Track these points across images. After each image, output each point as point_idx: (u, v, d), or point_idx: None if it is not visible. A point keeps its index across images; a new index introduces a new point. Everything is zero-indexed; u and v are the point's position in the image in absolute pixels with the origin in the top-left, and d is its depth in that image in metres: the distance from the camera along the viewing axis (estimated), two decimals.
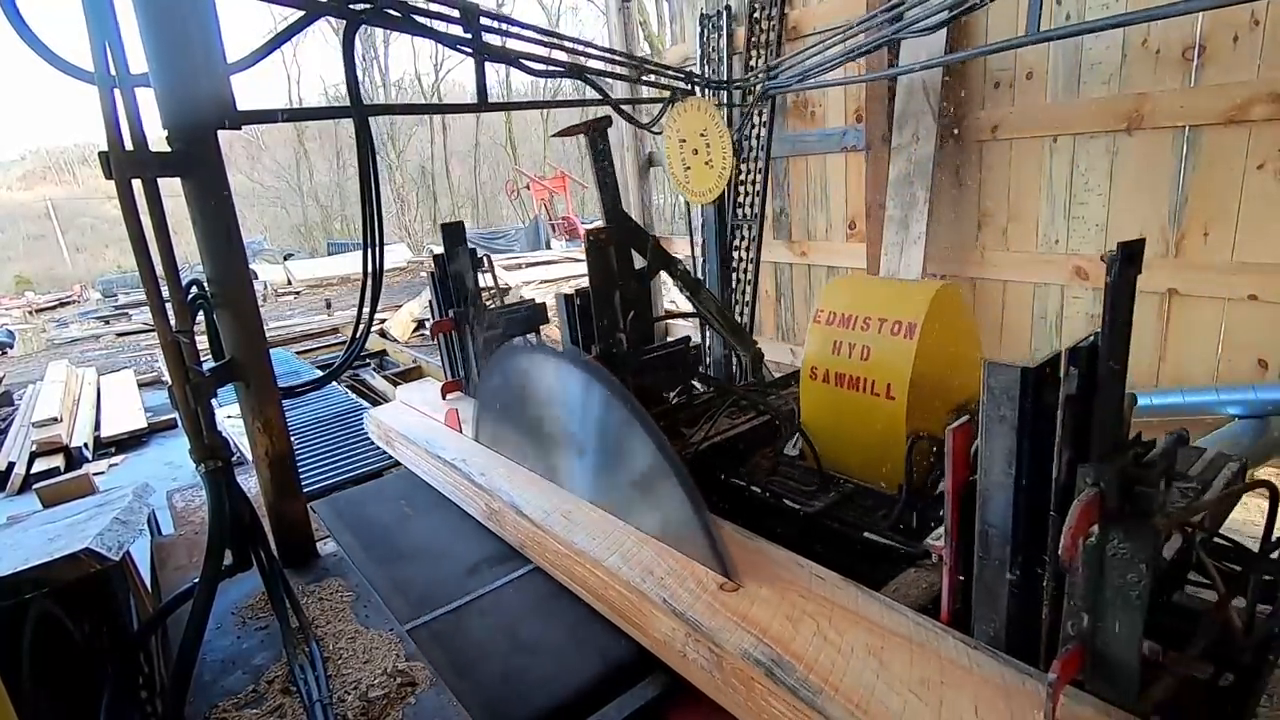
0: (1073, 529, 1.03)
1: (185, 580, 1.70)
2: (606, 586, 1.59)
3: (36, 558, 1.35)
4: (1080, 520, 1.04)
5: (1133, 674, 1.10)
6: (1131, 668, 1.09)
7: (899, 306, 1.95)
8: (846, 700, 1.14)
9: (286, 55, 29.05)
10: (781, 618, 1.36)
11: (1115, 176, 3.49)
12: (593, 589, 1.65)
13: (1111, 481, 1.04)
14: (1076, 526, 1.03)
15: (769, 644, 1.28)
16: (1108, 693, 1.13)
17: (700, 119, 3.20)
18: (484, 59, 2.22)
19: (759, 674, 1.22)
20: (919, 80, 3.96)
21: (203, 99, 1.64)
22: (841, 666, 1.22)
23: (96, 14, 1.46)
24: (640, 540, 1.68)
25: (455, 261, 2.73)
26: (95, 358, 10.83)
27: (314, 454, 2.96)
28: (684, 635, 1.38)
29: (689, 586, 1.47)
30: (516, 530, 1.93)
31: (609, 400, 1.74)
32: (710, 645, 1.32)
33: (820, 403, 2.11)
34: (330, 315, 12.44)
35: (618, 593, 1.56)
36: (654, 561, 1.58)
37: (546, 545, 1.80)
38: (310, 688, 1.48)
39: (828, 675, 1.20)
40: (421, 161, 30.46)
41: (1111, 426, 1.08)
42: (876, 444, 1.95)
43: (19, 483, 5.52)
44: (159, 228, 1.59)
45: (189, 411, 1.64)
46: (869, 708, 1.12)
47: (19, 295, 21.67)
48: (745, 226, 5.04)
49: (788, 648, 1.27)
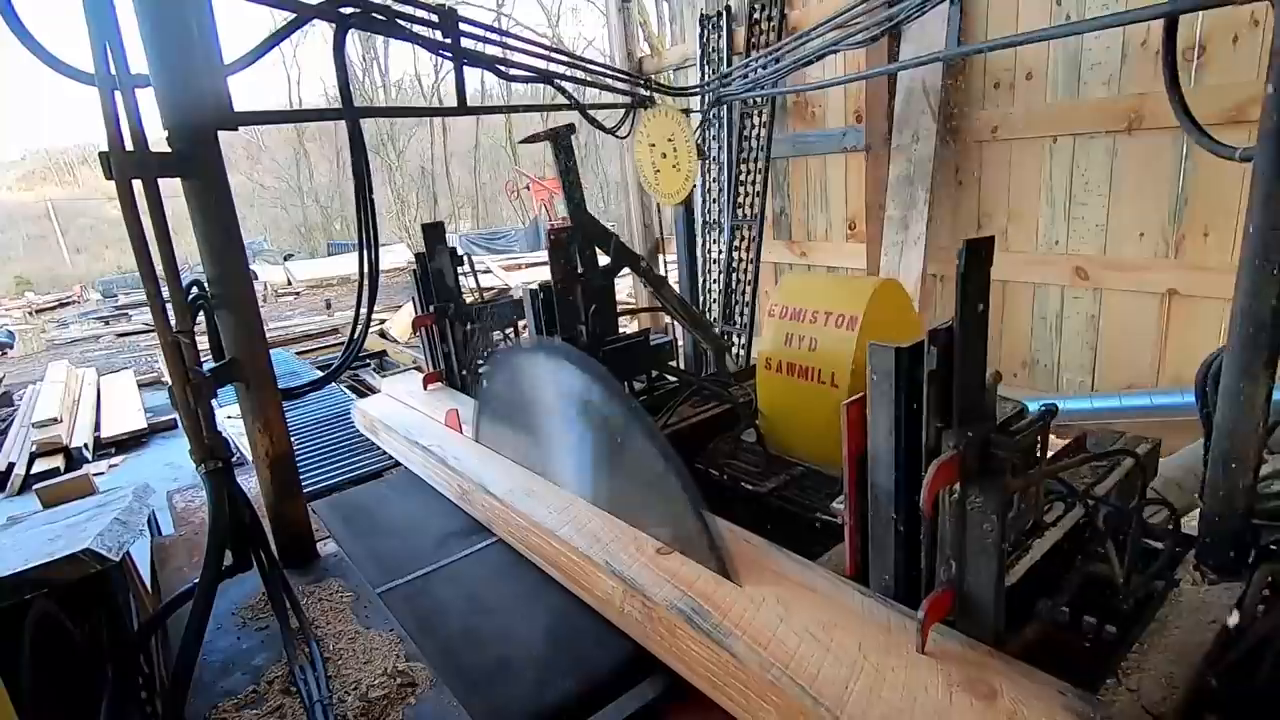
0: (930, 485, 1.18)
1: (185, 581, 1.70)
2: (559, 554, 1.76)
3: (36, 558, 1.36)
4: (936, 478, 1.18)
5: (992, 612, 1.24)
6: (991, 607, 1.24)
7: (842, 301, 2.12)
8: (752, 640, 1.31)
9: (287, 56, 29.07)
10: (707, 575, 1.53)
11: (1115, 177, 3.50)
12: (547, 556, 1.82)
13: (970, 445, 1.18)
14: (933, 483, 1.18)
15: (692, 596, 1.45)
16: (973, 630, 1.28)
17: (668, 125, 3.37)
18: (463, 63, 2.29)
19: (681, 621, 1.41)
20: (919, 81, 3.97)
21: (203, 100, 1.65)
22: (752, 613, 1.39)
23: (97, 15, 1.46)
24: (591, 513, 1.82)
25: (436, 259, 2.86)
26: (95, 358, 10.84)
27: (314, 454, 2.96)
28: (622, 592, 1.55)
29: (630, 551, 1.65)
30: (484, 508, 2.09)
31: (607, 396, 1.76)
32: (643, 599, 1.50)
33: (774, 391, 2.29)
34: (330, 315, 12.44)
35: (568, 559, 1.72)
36: (601, 530, 1.74)
37: (509, 520, 1.96)
38: (310, 688, 1.48)
39: (739, 621, 1.37)
40: (421, 162, 30.44)
41: (972, 399, 1.21)
42: (823, 429, 2.06)
43: (19, 483, 5.52)
44: (159, 228, 1.59)
45: (189, 412, 1.64)
46: (769, 645, 1.30)
47: (19, 296, 21.68)
48: (745, 227, 5.04)
49: (708, 599, 1.44)
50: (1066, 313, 3.86)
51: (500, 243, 20.15)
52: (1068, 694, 1.14)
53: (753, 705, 1.27)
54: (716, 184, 5.28)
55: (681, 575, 1.53)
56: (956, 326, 1.17)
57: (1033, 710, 1.11)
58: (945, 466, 1.18)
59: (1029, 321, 4.03)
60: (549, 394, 1.98)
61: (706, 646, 1.35)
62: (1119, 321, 3.65)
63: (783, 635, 1.32)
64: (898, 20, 2.48)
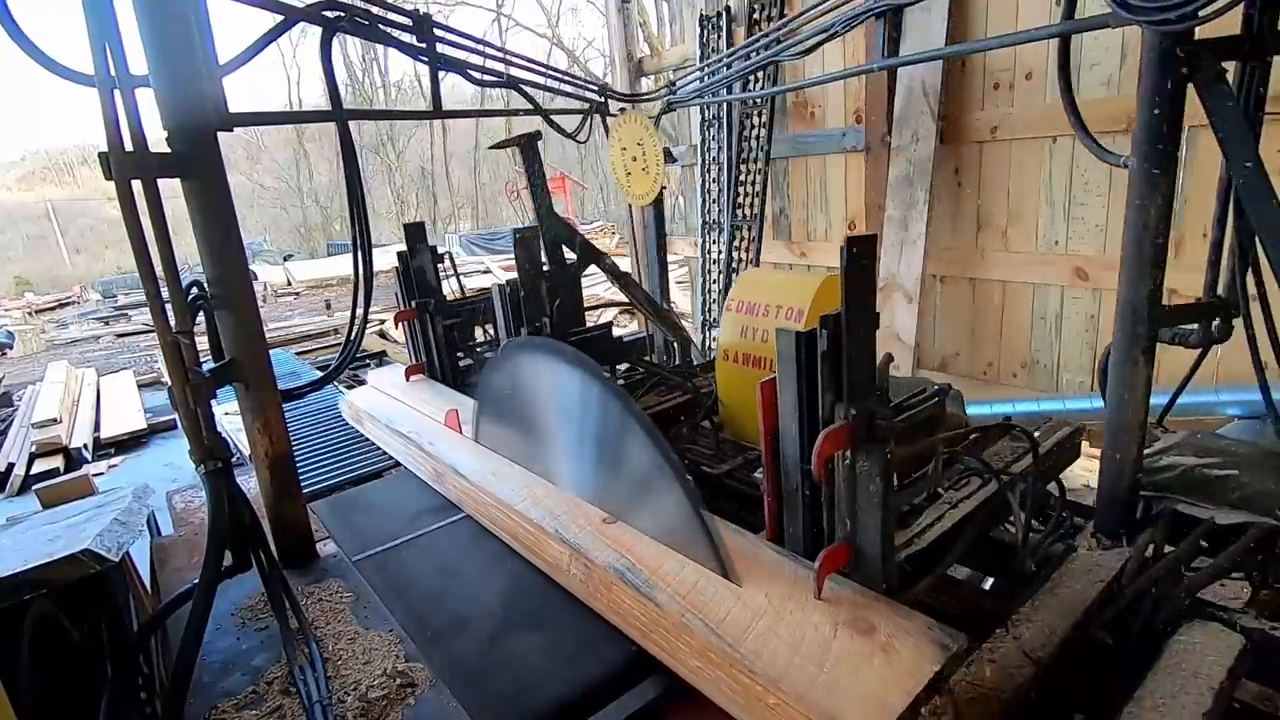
0: (819, 451, 1.34)
1: (185, 581, 1.70)
2: (517, 526, 1.92)
3: (36, 558, 1.35)
4: (825, 445, 1.33)
5: (880, 564, 1.40)
6: (879, 559, 1.40)
7: (791, 295, 2.23)
8: (674, 592, 1.48)
9: (286, 57, 29.10)
10: (644, 540, 1.68)
11: (1115, 177, 3.50)
12: (507, 528, 1.98)
13: (858, 416, 1.33)
14: (822, 449, 1.34)
15: (627, 557, 1.61)
16: (864, 579, 1.44)
17: (637, 130, 3.53)
18: (437, 67, 2.38)
19: (615, 578, 1.57)
20: (919, 81, 3.97)
21: (201, 101, 1.65)
22: (677, 570, 1.55)
23: (97, 15, 1.46)
24: (549, 491, 1.98)
25: (417, 257, 3.01)
26: (95, 358, 10.84)
27: (314, 454, 2.96)
28: (568, 556, 1.72)
29: (579, 522, 1.80)
30: (455, 488, 2.26)
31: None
32: (586, 561, 1.66)
33: (732, 381, 2.40)
34: (330, 316, 12.44)
35: (524, 529, 1.89)
36: (555, 505, 1.90)
37: (476, 498, 2.12)
38: (310, 689, 1.48)
39: (665, 577, 1.53)
40: (421, 162, 30.45)
41: (861, 376, 1.36)
42: None
43: (19, 483, 5.53)
44: (159, 228, 1.59)
45: (188, 412, 1.64)
46: (688, 595, 1.47)
47: (19, 296, 21.67)
48: (745, 227, 5.04)
49: (641, 560, 1.60)
50: (1066, 313, 3.86)
51: (500, 243, 20.17)
52: (935, 629, 1.30)
53: (673, 647, 1.43)
54: (716, 184, 5.28)
55: (621, 540, 1.69)
56: (843, 314, 1.32)
57: (903, 642, 1.27)
58: (833, 435, 1.34)
59: (1029, 321, 4.03)
60: (549, 393, 1.99)
61: (637, 599, 1.51)
62: None
63: (701, 587, 1.48)
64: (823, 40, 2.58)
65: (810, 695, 1.17)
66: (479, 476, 2.13)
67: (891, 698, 1.15)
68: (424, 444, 2.44)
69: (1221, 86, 1.46)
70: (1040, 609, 1.46)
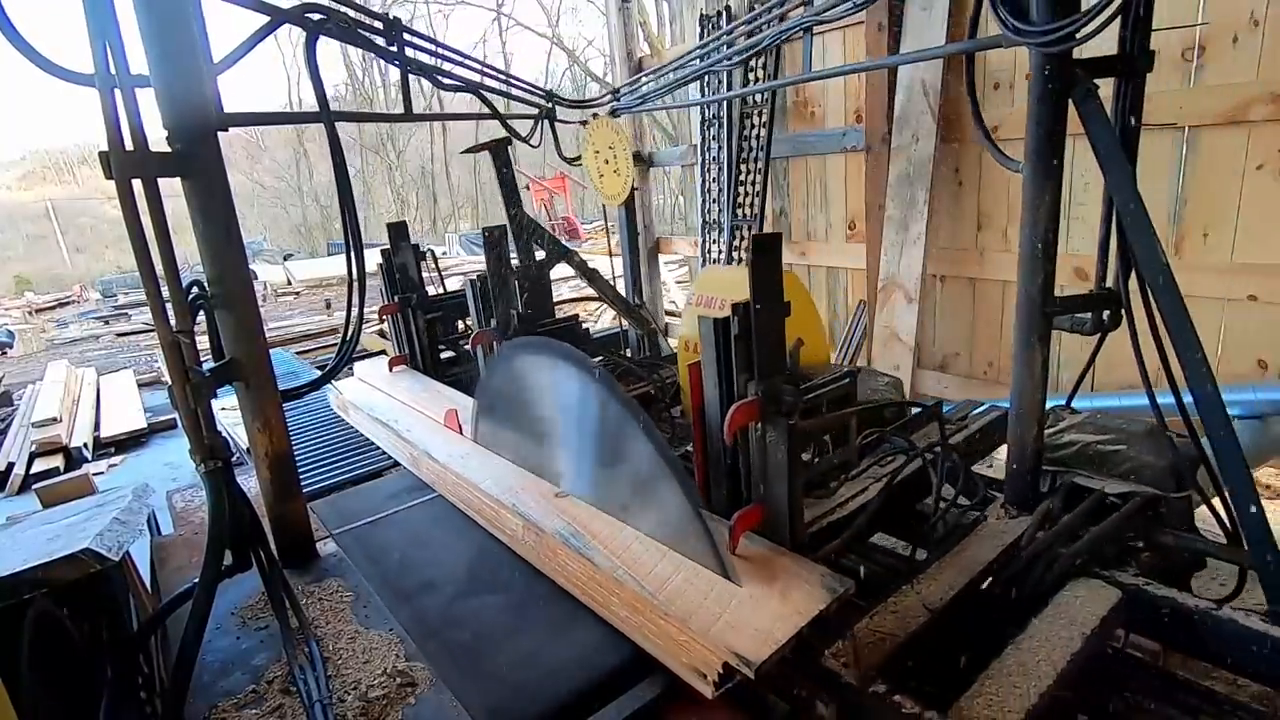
0: (729, 422, 1.52)
1: (185, 580, 1.70)
2: (482, 503, 2.10)
3: (36, 558, 1.35)
4: (735, 416, 1.52)
5: (788, 522, 1.59)
6: (786, 517, 1.58)
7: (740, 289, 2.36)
8: (609, 550, 1.67)
9: (286, 56, 29.07)
10: (589, 511, 1.87)
11: None
12: (473, 505, 2.17)
13: (766, 391, 1.51)
14: (732, 420, 1.52)
15: (574, 525, 1.80)
16: (773, 536, 1.62)
17: (608, 134, 3.73)
18: (408, 70, 2.51)
19: (560, 543, 1.75)
20: (919, 80, 3.97)
21: (203, 100, 1.65)
22: (615, 534, 1.75)
23: (97, 15, 1.46)
24: (510, 470, 2.17)
25: (400, 254, 3.23)
26: (95, 358, 10.84)
27: (314, 454, 2.96)
28: (523, 527, 1.90)
29: (535, 496, 1.99)
30: (429, 470, 2.44)
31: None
32: (537, 530, 1.84)
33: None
34: (330, 315, 12.44)
35: (488, 506, 2.07)
36: (516, 483, 2.09)
37: (447, 479, 2.32)
38: (310, 688, 1.48)
39: (603, 539, 1.73)
40: (421, 162, 30.44)
41: (770, 358, 1.53)
42: None
43: (19, 483, 5.52)
44: (159, 228, 1.59)
45: (189, 412, 1.64)
46: (621, 555, 1.65)
47: (19, 295, 21.67)
48: (745, 227, 5.04)
49: (585, 527, 1.79)
50: None
51: None
52: (827, 577, 1.49)
53: (608, 599, 1.62)
54: (716, 184, 5.28)
55: (567, 510, 1.89)
56: (753, 303, 1.50)
57: (799, 588, 1.47)
58: (743, 408, 1.52)
59: None
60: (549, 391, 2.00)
61: (578, 560, 1.70)
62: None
63: (634, 549, 1.68)
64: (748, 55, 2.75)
65: (713, 631, 1.37)
66: (448, 459, 2.32)
67: (779, 631, 1.36)
68: (401, 431, 2.63)
69: (1094, 102, 1.64)
70: (944, 569, 1.64)
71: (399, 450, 2.67)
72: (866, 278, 4.54)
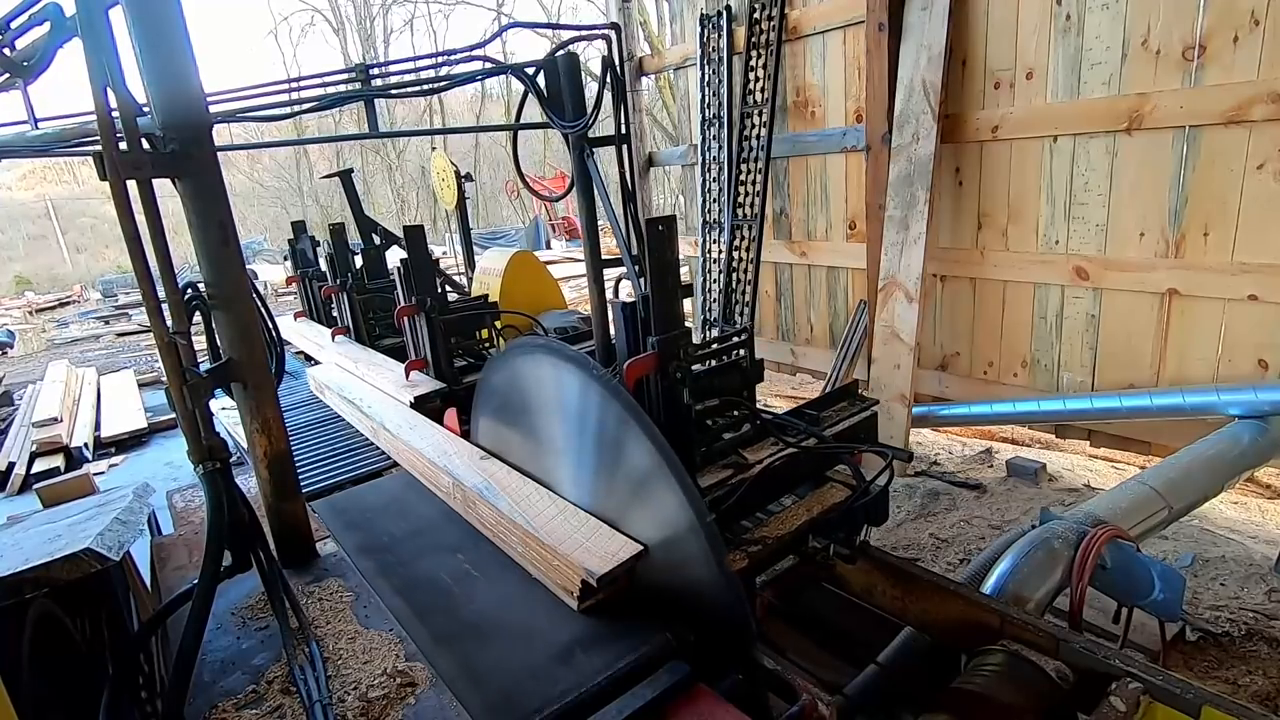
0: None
1: (185, 580, 1.70)
2: (425, 466, 2.46)
3: (37, 558, 1.36)
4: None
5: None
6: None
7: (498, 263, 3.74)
8: (514, 501, 2.01)
9: (287, 56, 29.07)
10: (505, 470, 2.21)
11: (1115, 177, 3.50)
12: (416, 467, 2.55)
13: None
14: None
15: (489, 480, 2.15)
16: None
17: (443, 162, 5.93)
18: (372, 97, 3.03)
19: (477, 495, 2.11)
20: (919, 80, 3.96)
21: (195, 100, 1.64)
22: (520, 487, 2.09)
23: (89, 15, 1.46)
24: (447, 438, 2.54)
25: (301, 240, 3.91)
26: (95, 358, 10.83)
27: (313, 454, 2.97)
28: (451, 483, 2.27)
29: (464, 458, 2.34)
30: (386, 441, 2.85)
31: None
32: (462, 487, 2.19)
33: None
34: None
35: (426, 466, 2.45)
36: (450, 449, 2.45)
37: (398, 447, 2.70)
38: (310, 688, 1.48)
39: (510, 490, 2.08)
40: (421, 162, 30.39)
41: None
42: None
43: (19, 483, 5.51)
44: (154, 228, 1.58)
45: (186, 413, 1.64)
46: (520, 502, 2.00)
47: (19, 295, 21.66)
48: (745, 226, 5.03)
49: (498, 481, 2.13)
50: (1066, 313, 3.86)
51: (501, 242, 20.16)
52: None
53: (512, 540, 1.96)
54: (716, 184, 5.28)
55: (486, 469, 2.23)
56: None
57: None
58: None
59: (1029, 321, 4.03)
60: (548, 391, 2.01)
61: (489, 508, 2.05)
62: (1119, 321, 3.65)
63: (532, 498, 2.02)
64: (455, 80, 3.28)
65: (574, 554, 1.73)
66: (399, 429, 2.72)
67: (624, 553, 1.71)
68: (364, 407, 3.08)
69: (592, 162, 3.14)
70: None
71: (363, 424, 3.10)
72: (867, 277, 4.54)
